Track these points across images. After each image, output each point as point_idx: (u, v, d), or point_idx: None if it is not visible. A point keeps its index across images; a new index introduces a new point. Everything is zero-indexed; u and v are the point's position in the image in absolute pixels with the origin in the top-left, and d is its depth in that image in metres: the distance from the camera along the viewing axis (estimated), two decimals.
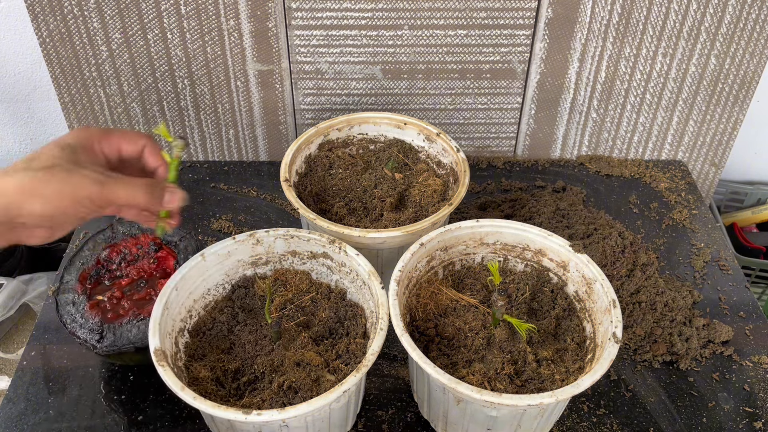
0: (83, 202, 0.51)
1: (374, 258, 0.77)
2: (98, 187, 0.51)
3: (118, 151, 0.57)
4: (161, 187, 0.56)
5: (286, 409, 0.57)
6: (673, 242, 0.97)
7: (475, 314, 0.70)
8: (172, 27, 0.94)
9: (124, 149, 0.57)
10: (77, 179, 0.50)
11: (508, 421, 0.63)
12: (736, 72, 1.00)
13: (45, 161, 0.51)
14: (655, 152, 1.10)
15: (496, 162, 1.09)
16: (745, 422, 0.74)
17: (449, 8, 0.93)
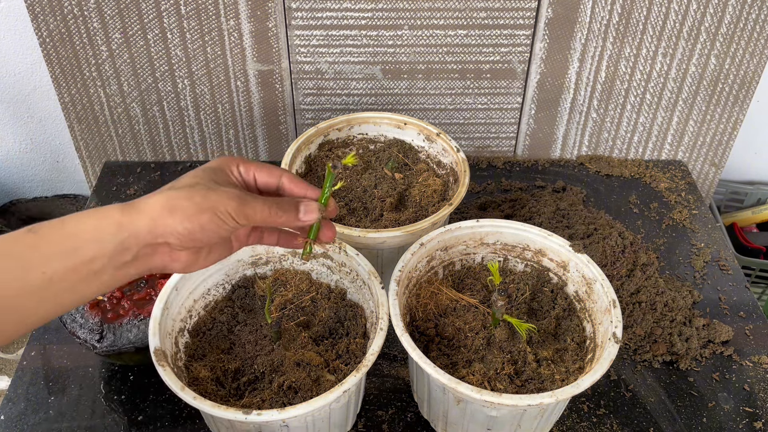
0: (223, 217, 0.51)
1: (374, 258, 0.77)
2: (237, 201, 0.51)
3: (254, 179, 0.57)
4: (295, 202, 0.55)
5: (286, 409, 0.57)
6: (673, 242, 0.97)
7: (475, 314, 0.70)
8: (172, 27, 0.94)
9: (259, 178, 0.57)
10: (217, 195, 0.51)
11: (508, 421, 0.63)
12: (736, 72, 1.00)
13: (187, 181, 0.52)
14: (655, 152, 1.10)
15: (496, 162, 1.09)
16: (745, 422, 0.74)
17: (449, 8, 0.93)
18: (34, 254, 0.46)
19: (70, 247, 0.47)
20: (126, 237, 0.48)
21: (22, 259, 0.46)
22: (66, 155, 1.27)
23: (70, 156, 1.27)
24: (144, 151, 1.08)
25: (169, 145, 1.08)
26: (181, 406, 0.74)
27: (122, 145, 1.07)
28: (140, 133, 1.06)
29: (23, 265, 0.46)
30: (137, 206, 0.49)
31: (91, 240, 0.47)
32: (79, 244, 0.47)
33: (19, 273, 0.45)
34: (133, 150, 1.08)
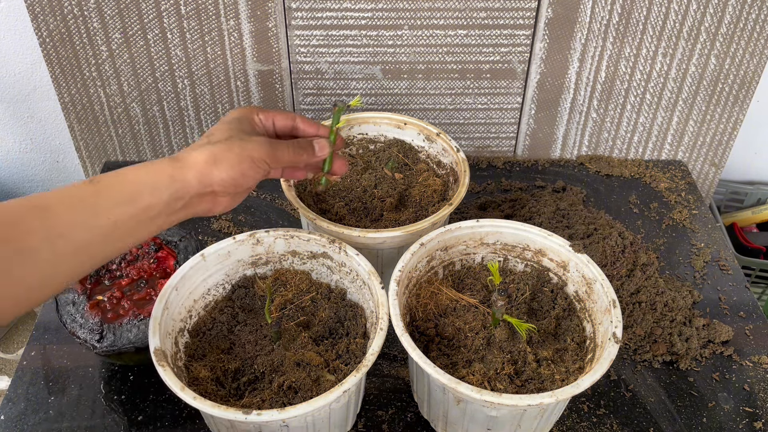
0: (259, 163, 0.59)
1: (374, 258, 0.77)
2: (269, 148, 0.60)
3: (273, 124, 0.66)
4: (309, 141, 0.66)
5: (286, 409, 0.57)
6: (673, 242, 0.97)
7: (475, 314, 0.70)
8: (172, 27, 0.94)
9: (277, 122, 0.66)
10: (252, 145, 0.59)
11: (508, 421, 0.63)
12: (736, 72, 1.00)
13: (221, 135, 0.60)
14: (655, 152, 1.10)
15: (496, 162, 1.09)
16: (745, 422, 0.74)
17: (449, 8, 0.93)
18: (99, 201, 0.52)
19: (131, 196, 0.54)
20: (178, 188, 0.56)
21: (91, 206, 0.52)
22: (66, 155, 1.27)
23: (70, 156, 1.28)
24: (144, 151, 1.08)
25: (169, 145, 1.08)
26: (181, 406, 0.74)
27: (122, 145, 1.07)
28: (140, 133, 1.06)
29: (93, 211, 0.52)
30: (184, 160, 0.57)
31: (148, 190, 0.54)
32: (138, 194, 0.54)
33: (89, 218, 0.51)
34: (133, 150, 1.08)
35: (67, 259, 0.51)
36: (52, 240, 0.50)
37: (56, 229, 0.50)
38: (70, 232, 0.51)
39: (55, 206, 0.51)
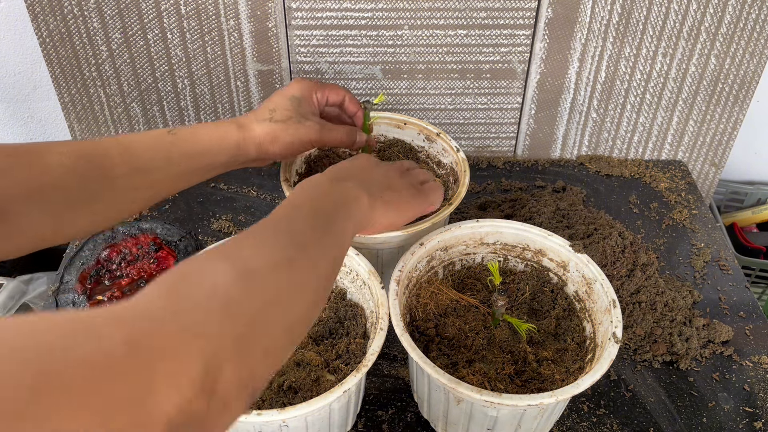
0: (306, 145, 0.71)
1: (374, 258, 0.77)
2: (318, 134, 0.71)
3: (327, 100, 0.76)
4: (356, 131, 0.76)
5: (286, 409, 0.57)
6: (673, 242, 0.97)
7: (475, 314, 0.70)
8: (172, 27, 0.94)
9: (331, 98, 0.76)
10: (305, 129, 0.70)
11: (508, 421, 0.63)
12: (736, 72, 1.00)
13: (282, 114, 0.70)
14: (655, 152, 1.10)
15: (496, 162, 1.09)
16: (745, 422, 0.74)
17: (449, 8, 0.93)
18: (173, 150, 0.62)
19: (199, 152, 0.64)
20: (240, 154, 0.67)
21: (165, 153, 0.62)
22: None
23: None
24: None
25: None
26: None
27: None
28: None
29: (166, 156, 0.62)
30: (249, 131, 0.67)
31: (215, 151, 0.65)
32: (206, 152, 0.64)
33: (163, 163, 0.62)
34: None
35: (141, 190, 0.61)
36: (131, 174, 0.59)
37: (135, 165, 0.59)
38: (146, 169, 0.60)
39: (137, 147, 0.60)
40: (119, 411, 0.28)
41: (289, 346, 0.43)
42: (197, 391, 0.32)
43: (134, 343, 0.31)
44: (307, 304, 0.44)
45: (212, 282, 0.37)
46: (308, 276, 0.45)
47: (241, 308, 0.37)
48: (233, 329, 0.36)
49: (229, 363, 0.34)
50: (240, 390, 0.35)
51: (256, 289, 0.39)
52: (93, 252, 0.83)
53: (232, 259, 0.40)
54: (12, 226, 0.53)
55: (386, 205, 0.60)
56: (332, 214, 0.52)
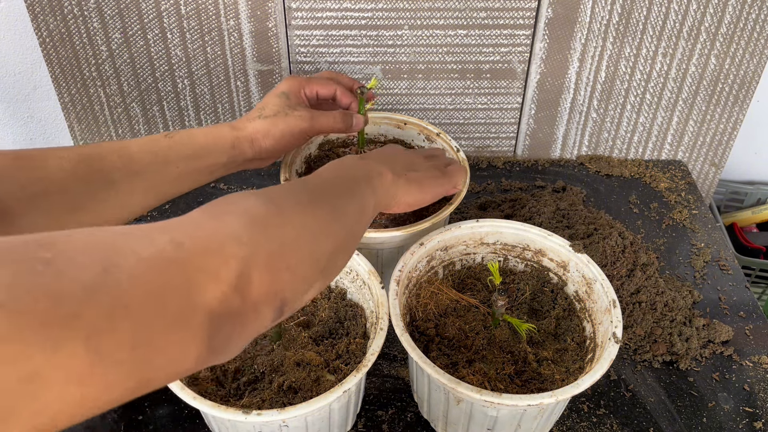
0: (298, 135, 0.72)
1: (374, 258, 0.77)
2: (308, 122, 0.72)
3: (317, 94, 0.76)
4: (350, 115, 0.76)
5: (286, 409, 0.57)
6: (673, 242, 0.97)
7: (475, 314, 0.70)
8: (172, 27, 0.94)
9: (321, 92, 0.77)
10: (294, 119, 0.71)
11: (508, 421, 0.63)
12: (736, 72, 1.00)
13: (270, 110, 0.71)
14: (655, 152, 1.10)
15: (496, 162, 1.09)
16: (745, 422, 0.74)
17: (449, 8, 0.93)
18: (170, 153, 0.64)
19: (197, 154, 0.66)
20: (236, 154, 0.68)
21: (163, 156, 0.64)
22: None
23: None
24: None
25: None
26: (182, 406, 0.74)
27: None
28: (140, 133, 1.06)
29: (164, 160, 0.64)
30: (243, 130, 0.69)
31: (212, 152, 0.67)
32: (203, 153, 0.66)
33: (161, 166, 0.63)
34: None
35: (140, 193, 0.63)
36: (131, 177, 0.61)
37: (133, 168, 0.62)
38: (144, 172, 0.62)
39: (136, 152, 0.62)
40: (170, 295, 0.33)
41: (316, 276, 0.46)
42: (232, 288, 0.37)
43: (179, 242, 0.36)
44: (331, 242, 0.47)
45: (246, 206, 0.42)
46: (332, 221, 0.48)
47: (270, 229, 0.42)
48: (264, 243, 0.40)
49: (259, 271, 0.39)
50: (269, 298, 0.40)
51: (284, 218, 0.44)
52: None
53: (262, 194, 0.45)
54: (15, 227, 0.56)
55: (409, 183, 0.63)
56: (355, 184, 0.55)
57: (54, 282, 0.29)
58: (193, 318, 0.34)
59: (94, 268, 0.31)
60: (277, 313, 0.41)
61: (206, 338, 0.35)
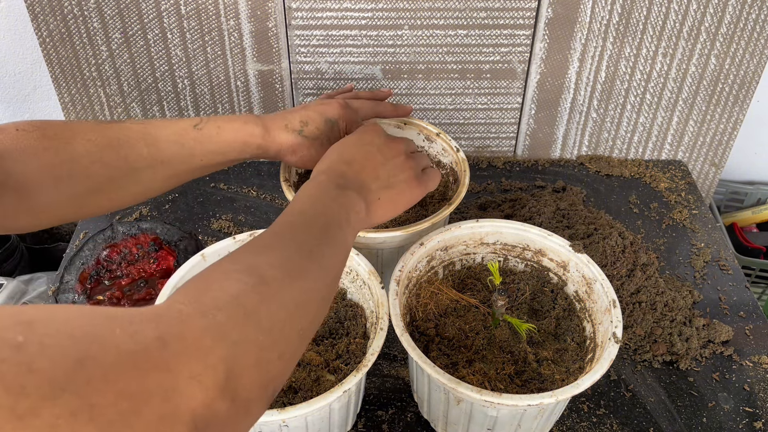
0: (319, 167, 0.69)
1: (374, 258, 0.77)
2: None
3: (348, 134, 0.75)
4: None
5: (286, 409, 0.57)
6: (673, 242, 0.97)
7: (475, 314, 0.70)
8: (172, 27, 0.94)
9: None
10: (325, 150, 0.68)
11: (508, 421, 0.63)
12: (736, 72, 1.00)
13: (311, 132, 0.70)
14: (655, 152, 1.10)
15: (496, 162, 1.09)
16: (745, 422, 0.74)
17: (449, 8, 0.93)
18: (197, 146, 0.65)
19: (222, 150, 0.66)
20: (260, 154, 0.69)
21: (189, 148, 0.65)
22: None
23: None
24: None
25: None
26: None
27: None
28: None
29: (190, 152, 0.65)
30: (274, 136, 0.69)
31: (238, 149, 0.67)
32: (229, 150, 0.67)
33: (186, 157, 0.65)
34: None
35: (161, 180, 0.64)
36: (155, 166, 0.63)
37: (159, 157, 0.63)
38: (169, 162, 0.64)
39: (163, 141, 0.63)
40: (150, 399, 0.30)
41: (302, 349, 0.44)
42: (220, 391, 0.34)
43: (165, 340, 0.33)
44: (317, 309, 0.46)
45: (233, 291, 0.40)
46: (317, 282, 0.47)
47: (259, 316, 0.39)
48: (253, 335, 0.38)
49: (249, 368, 0.36)
50: (260, 392, 0.38)
51: (273, 298, 0.41)
52: (93, 252, 0.83)
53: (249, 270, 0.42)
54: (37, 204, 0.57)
55: (384, 204, 0.62)
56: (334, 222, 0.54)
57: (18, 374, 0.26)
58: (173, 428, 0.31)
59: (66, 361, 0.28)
60: (269, 402, 0.40)
61: None
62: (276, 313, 0.41)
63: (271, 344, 0.39)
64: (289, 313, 0.42)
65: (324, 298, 0.48)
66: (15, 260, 1.29)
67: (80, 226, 0.97)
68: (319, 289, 0.47)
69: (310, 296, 0.45)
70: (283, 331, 0.41)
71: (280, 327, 0.41)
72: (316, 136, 0.70)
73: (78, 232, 0.97)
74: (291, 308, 0.42)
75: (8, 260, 1.28)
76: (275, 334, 0.40)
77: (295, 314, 0.43)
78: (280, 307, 0.41)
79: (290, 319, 0.42)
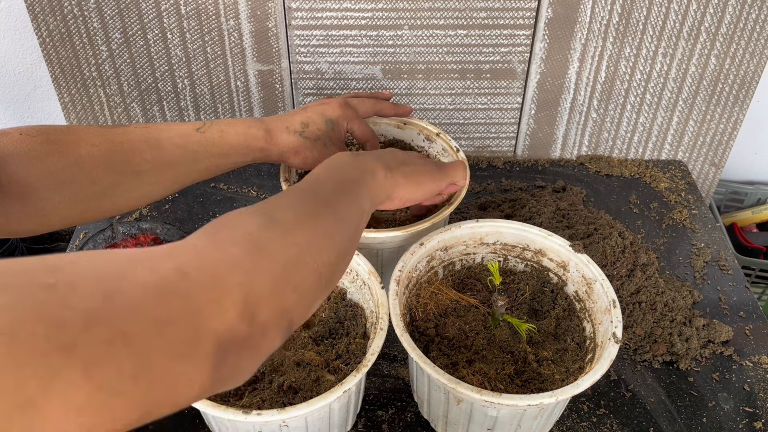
0: None
1: (374, 258, 0.77)
2: None
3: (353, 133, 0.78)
4: None
5: (286, 409, 0.57)
6: (673, 242, 0.97)
7: (475, 314, 0.70)
8: (172, 27, 0.94)
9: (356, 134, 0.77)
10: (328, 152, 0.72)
11: (508, 421, 0.63)
12: (736, 72, 1.00)
13: (312, 132, 0.72)
14: (655, 152, 1.10)
15: (496, 162, 1.09)
16: (745, 422, 0.74)
17: (449, 8, 0.93)
18: (200, 150, 0.66)
19: (226, 153, 0.67)
20: (263, 156, 0.70)
21: (192, 152, 0.66)
22: None
23: None
24: None
25: None
26: None
27: None
28: None
29: (193, 156, 0.66)
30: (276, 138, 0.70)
31: (241, 152, 0.68)
32: (232, 153, 0.68)
33: (190, 162, 0.66)
34: None
35: (165, 183, 0.65)
36: (159, 169, 0.64)
37: (163, 162, 0.64)
38: (173, 165, 0.65)
39: (166, 145, 0.64)
40: (175, 323, 0.33)
41: (321, 289, 0.46)
42: (239, 315, 0.37)
43: (184, 270, 0.35)
44: (334, 252, 0.48)
45: (247, 229, 0.42)
46: (332, 227, 0.48)
47: (273, 252, 0.42)
48: (267, 266, 0.40)
49: (265, 296, 0.39)
50: (277, 320, 0.40)
51: (284, 235, 0.43)
52: None
53: (263, 213, 0.45)
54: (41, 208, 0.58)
55: (404, 177, 0.62)
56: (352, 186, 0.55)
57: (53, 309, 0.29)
58: (198, 349, 0.34)
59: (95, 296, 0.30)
60: (286, 332, 0.41)
61: (212, 369, 0.35)
62: (288, 249, 0.43)
63: (285, 276, 0.41)
64: (300, 249, 0.44)
65: (339, 246, 0.49)
66: None
67: (80, 227, 0.97)
68: (333, 234, 0.48)
69: (323, 237, 0.47)
70: (296, 266, 0.43)
71: (294, 262, 0.43)
72: (317, 136, 0.72)
73: (78, 232, 0.97)
74: (303, 245, 0.44)
75: None
76: (288, 268, 0.42)
77: (307, 251, 0.44)
78: (292, 243, 0.43)
79: (302, 255, 0.44)
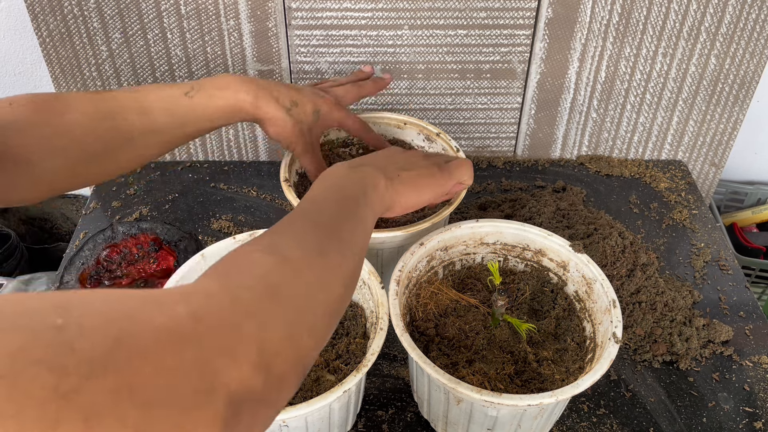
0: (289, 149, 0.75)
1: (374, 258, 0.77)
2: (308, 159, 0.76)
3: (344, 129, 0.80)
4: None
5: (285, 409, 0.57)
6: (673, 242, 0.97)
7: (475, 314, 0.70)
8: (172, 27, 0.94)
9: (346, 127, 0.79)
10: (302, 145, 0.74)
11: (508, 421, 0.63)
12: (736, 72, 1.00)
13: (299, 115, 0.72)
14: (655, 152, 1.10)
15: (496, 162, 1.09)
16: (745, 422, 0.74)
17: (449, 8, 0.93)
18: (189, 115, 0.67)
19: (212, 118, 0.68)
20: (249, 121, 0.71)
21: (181, 117, 0.66)
22: None
23: None
24: None
25: None
26: None
27: None
28: None
29: (182, 121, 0.67)
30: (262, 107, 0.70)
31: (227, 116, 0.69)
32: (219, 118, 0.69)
33: (178, 126, 0.67)
34: None
35: (153, 147, 0.66)
36: (147, 134, 0.65)
37: (151, 127, 0.65)
38: (162, 131, 0.65)
39: (155, 110, 0.65)
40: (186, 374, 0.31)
41: (331, 327, 0.46)
42: (253, 367, 0.35)
43: (198, 317, 0.34)
44: (342, 286, 0.47)
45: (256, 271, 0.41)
46: (340, 260, 0.48)
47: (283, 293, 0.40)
48: (280, 312, 0.39)
49: (280, 343, 0.37)
50: (294, 368, 0.39)
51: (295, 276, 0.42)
52: (93, 252, 0.83)
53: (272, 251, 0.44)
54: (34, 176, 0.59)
55: (403, 184, 0.62)
56: (353, 202, 0.54)
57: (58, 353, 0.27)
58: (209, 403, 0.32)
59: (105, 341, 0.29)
60: (302, 378, 0.40)
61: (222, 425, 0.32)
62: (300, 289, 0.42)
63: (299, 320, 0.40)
64: (313, 288, 0.43)
65: (347, 275, 0.48)
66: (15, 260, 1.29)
67: (80, 226, 0.97)
68: (341, 265, 0.48)
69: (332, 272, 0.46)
70: (309, 306, 0.42)
71: (306, 303, 0.42)
72: (301, 120, 0.73)
73: (78, 232, 0.97)
74: (314, 284, 0.43)
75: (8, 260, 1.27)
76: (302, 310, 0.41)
77: (319, 290, 0.44)
78: (304, 284, 0.42)
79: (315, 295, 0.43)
